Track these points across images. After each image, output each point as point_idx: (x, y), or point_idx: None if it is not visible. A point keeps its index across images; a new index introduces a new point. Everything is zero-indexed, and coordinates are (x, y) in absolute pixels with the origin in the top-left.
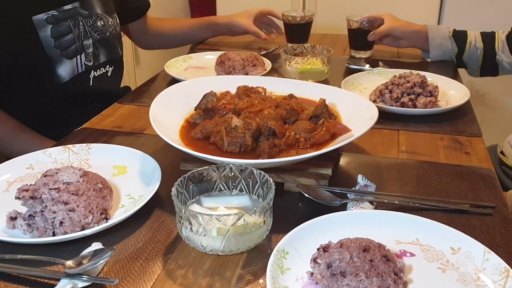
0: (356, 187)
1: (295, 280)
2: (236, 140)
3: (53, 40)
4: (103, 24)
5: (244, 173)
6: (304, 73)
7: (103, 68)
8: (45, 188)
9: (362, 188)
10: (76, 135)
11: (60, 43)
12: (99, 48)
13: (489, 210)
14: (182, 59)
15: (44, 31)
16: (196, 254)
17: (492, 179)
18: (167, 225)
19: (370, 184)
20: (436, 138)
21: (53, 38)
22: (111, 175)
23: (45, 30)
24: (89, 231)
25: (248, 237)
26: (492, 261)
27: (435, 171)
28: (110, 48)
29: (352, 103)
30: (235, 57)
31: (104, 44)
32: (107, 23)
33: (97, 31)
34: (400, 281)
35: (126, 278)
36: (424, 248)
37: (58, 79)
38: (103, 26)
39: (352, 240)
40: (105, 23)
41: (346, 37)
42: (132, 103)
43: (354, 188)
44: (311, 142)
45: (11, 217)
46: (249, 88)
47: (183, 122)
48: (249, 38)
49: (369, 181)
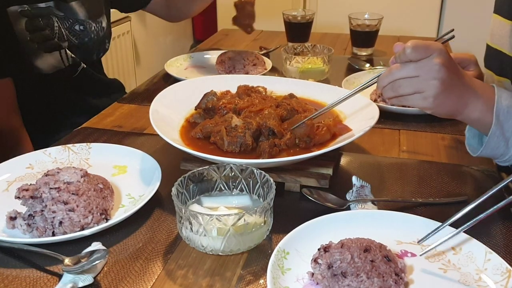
0: (353, 189)
1: (296, 280)
2: (237, 139)
3: (29, 33)
4: (82, 29)
5: (244, 173)
6: (305, 72)
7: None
8: (45, 188)
9: (359, 189)
10: (76, 134)
11: (36, 37)
12: (74, 52)
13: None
14: (182, 58)
15: (19, 24)
16: (196, 254)
17: (493, 179)
18: (167, 225)
19: (366, 184)
20: (437, 138)
21: (28, 31)
22: (111, 174)
23: (20, 23)
24: (88, 231)
25: (249, 237)
26: (493, 261)
27: (436, 171)
28: (85, 53)
29: (353, 103)
30: (235, 57)
31: (82, 49)
32: (89, 28)
33: (75, 35)
34: (401, 281)
35: (126, 278)
36: (425, 248)
37: (36, 72)
38: (82, 31)
39: (353, 241)
40: (86, 28)
41: (346, 36)
42: (132, 102)
43: (351, 190)
44: (312, 142)
45: (11, 217)
46: (250, 87)
47: (183, 121)
48: (249, 38)
49: (364, 182)
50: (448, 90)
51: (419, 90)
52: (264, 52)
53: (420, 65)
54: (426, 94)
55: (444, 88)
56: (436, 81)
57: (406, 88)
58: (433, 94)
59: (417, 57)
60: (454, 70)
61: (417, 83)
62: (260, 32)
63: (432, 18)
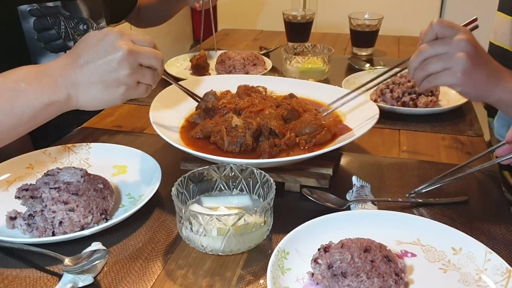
0: (353, 189)
1: (296, 280)
2: (237, 139)
3: (36, 32)
4: (85, 28)
5: (244, 173)
6: (305, 72)
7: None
8: (45, 187)
9: (359, 189)
10: (76, 134)
11: (44, 36)
12: None
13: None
14: (182, 58)
15: (27, 22)
16: (196, 254)
17: (494, 179)
18: (167, 225)
19: (366, 185)
20: (437, 138)
21: (36, 30)
22: (111, 174)
23: (28, 22)
24: (88, 231)
25: (249, 237)
26: (493, 261)
27: (436, 171)
28: None
29: (353, 103)
30: (235, 56)
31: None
32: (92, 28)
33: (80, 35)
34: (401, 281)
35: (126, 278)
36: (425, 249)
37: None
38: (86, 30)
39: (353, 241)
40: (89, 28)
41: (346, 36)
42: (132, 102)
43: (351, 190)
44: (312, 142)
45: (11, 217)
46: (250, 87)
47: (183, 121)
48: (249, 38)
49: (364, 182)
50: (476, 65)
51: (448, 66)
52: (264, 52)
53: (447, 42)
54: (454, 69)
55: (471, 63)
56: (463, 54)
57: (435, 65)
58: (461, 69)
59: (444, 32)
60: (481, 49)
61: (445, 58)
62: (260, 32)
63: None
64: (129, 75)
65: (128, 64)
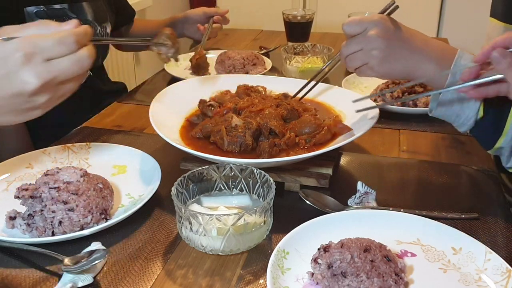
0: (356, 195)
1: (296, 280)
2: (236, 139)
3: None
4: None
5: (244, 173)
6: (305, 72)
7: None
8: (45, 187)
9: (363, 196)
10: (76, 134)
11: None
12: None
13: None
14: (182, 58)
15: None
16: (196, 254)
17: (493, 179)
18: (167, 225)
19: (371, 191)
20: (437, 138)
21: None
22: (110, 174)
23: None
24: (88, 231)
25: (249, 237)
26: (493, 261)
27: (436, 171)
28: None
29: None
30: (235, 56)
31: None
32: (95, 31)
33: None
34: (401, 281)
35: (126, 278)
36: (425, 248)
37: None
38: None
39: (353, 240)
40: (93, 31)
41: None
42: (132, 102)
43: (354, 195)
44: (312, 141)
45: (11, 217)
46: (249, 87)
47: (183, 121)
48: (249, 38)
49: (369, 188)
50: (391, 56)
51: (365, 61)
52: (264, 51)
53: (360, 39)
54: (370, 64)
55: (384, 56)
56: (375, 51)
57: (355, 62)
58: (376, 63)
59: (353, 32)
60: (396, 37)
61: (361, 55)
62: (260, 32)
63: (432, 18)
64: (47, 101)
65: (43, 93)
